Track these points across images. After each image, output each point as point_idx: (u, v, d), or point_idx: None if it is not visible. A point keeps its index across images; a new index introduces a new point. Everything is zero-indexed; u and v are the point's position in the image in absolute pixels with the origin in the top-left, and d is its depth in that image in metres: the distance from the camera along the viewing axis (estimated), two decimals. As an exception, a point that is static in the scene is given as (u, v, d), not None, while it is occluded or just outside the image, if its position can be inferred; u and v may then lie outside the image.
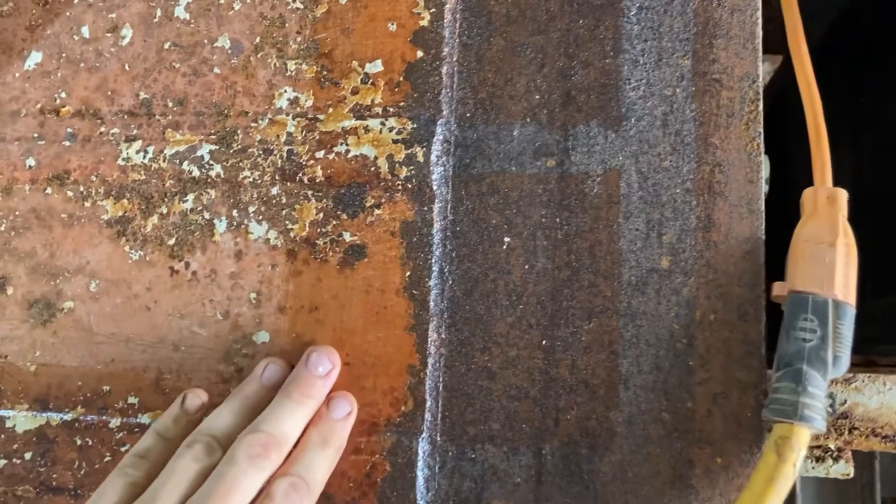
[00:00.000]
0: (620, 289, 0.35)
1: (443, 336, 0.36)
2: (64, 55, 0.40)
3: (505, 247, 0.36)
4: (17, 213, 0.39)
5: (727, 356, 0.34)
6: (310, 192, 0.37)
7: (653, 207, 0.36)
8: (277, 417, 0.32)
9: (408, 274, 0.36)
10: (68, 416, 0.37)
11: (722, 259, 0.35)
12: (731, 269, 0.35)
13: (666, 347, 0.35)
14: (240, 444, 0.30)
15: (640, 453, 0.34)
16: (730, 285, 0.35)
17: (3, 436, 0.38)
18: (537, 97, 0.37)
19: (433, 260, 0.36)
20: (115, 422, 0.37)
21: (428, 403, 0.36)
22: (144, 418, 0.37)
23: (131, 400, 0.37)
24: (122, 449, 0.37)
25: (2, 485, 0.37)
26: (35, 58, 0.40)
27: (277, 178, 0.38)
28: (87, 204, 0.39)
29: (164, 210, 0.38)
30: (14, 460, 0.37)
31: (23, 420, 0.38)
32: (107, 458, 0.37)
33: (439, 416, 0.36)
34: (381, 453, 0.35)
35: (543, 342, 0.35)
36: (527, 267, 0.36)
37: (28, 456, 0.37)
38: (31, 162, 0.40)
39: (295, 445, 0.33)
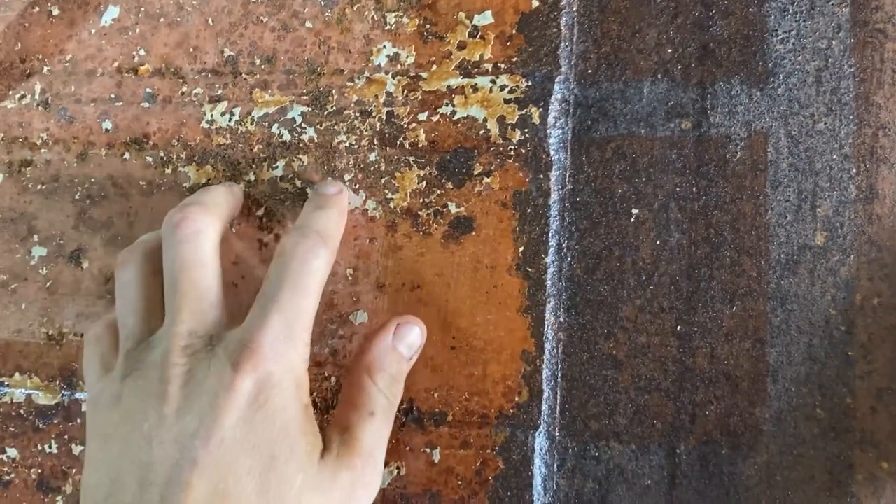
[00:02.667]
0: (768, 268, 0.31)
1: (561, 319, 0.32)
2: (143, 9, 0.37)
3: (633, 219, 0.32)
4: (92, 180, 0.36)
5: (893, 346, 0.30)
6: (411, 159, 0.34)
7: (805, 176, 0.31)
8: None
9: (521, 249, 0.32)
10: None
11: (887, 235, 0.30)
12: (898, 246, 0.30)
13: (821, 335, 0.30)
14: (164, 226, 0.30)
15: (791, 455, 0.30)
16: (896, 265, 0.30)
17: (79, 420, 0.35)
18: (670, 51, 0.33)
19: (550, 234, 0.32)
20: (199, 407, 0.34)
21: (545, 394, 0.32)
22: (231, 404, 0.33)
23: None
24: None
25: (78, 472, 0.34)
26: (112, 13, 0.37)
27: (376, 142, 0.34)
28: (168, 170, 0.36)
29: (252, 177, 0.35)
30: (91, 447, 0.34)
31: (100, 403, 0.34)
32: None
33: (558, 408, 0.32)
34: (493, 449, 0.32)
35: (678, 328, 0.31)
36: (658, 242, 0.32)
37: (106, 442, 0.34)
38: (107, 125, 0.36)
39: None
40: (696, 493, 0.31)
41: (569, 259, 0.33)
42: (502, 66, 0.34)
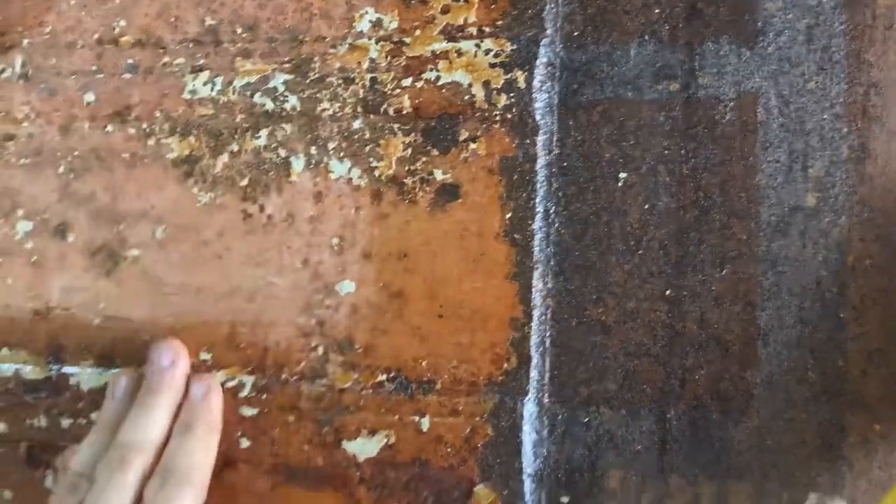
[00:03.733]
0: (758, 230, 0.30)
1: (549, 286, 0.32)
2: (122, -22, 0.36)
3: (621, 184, 0.32)
4: (76, 153, 0.36)
5: (885, 308, 0.29)
6: (396, 126, 0.33)
7: (796, 136, 0.30)
8: (132, 426, 0.31)
9: (508, 216, 0.32)
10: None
11: (879, 195, 0.30)
12: (890, 206, 0.30)
13: (812, 297, 0.30)
14: (98, 468, 0.29)
15: (782, 418, 0.30)
16: (888, 225, 0.29)
17: (67, 394, 0.35)
18: (657, 11, 0.32)
19: (537, 200, 0.32)
20: (186, 380, 0.34)
21: (534, 360, 0.31)
22: (219, 375, 0.33)
23: (204, 356, 0.34)
24: (195, 409, 0.33)
25: (68, 445, 0.34)
26: (91, -18, 0.36)
27: (360, 109, 0.33)
28: (151, 142, 0.35)
29: (235, 148, 0.34)
30: (80, 420, 0.34)
31: (87, 377, 0.35)
32: (179, 420, 0.33)
33: (547, 375, 0.31)
34: (482, 416, 0.31)
35: (667, 292, 0.31)
36: (647, 207, 0.31)
37: (94, 416, 0.34)
38: (89, 97, 0.36)
39: None
40: (686, 457, 0.30)
41: (556, 225, 0.32)
42: (487, 29, 0.33)
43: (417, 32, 0.34)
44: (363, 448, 0.32)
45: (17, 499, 0.35)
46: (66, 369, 0.35)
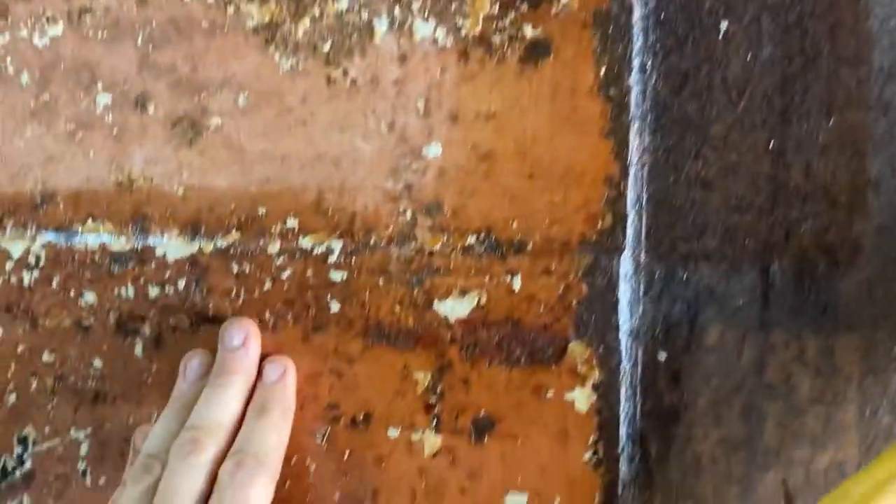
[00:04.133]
0: (869, 76, 0.29)
1: (646, 142, 0.31)
2: None
3: (721, 35, 0.30)
4: (153, 23, 0.35)
5: None
6: (483, -18, 0.32)
7: (911, -24, 0.29)
8: (204, 408, 0.30)
9: (602, 71, 0.31)
10: (222, 243, 0.34)
11: None
12: None
13: (926, 144, 0.28)
14: (171, 450, 0.29)
15: (893, 269, 0.28)
16: None
17: (153, 264, 0.35)
18: None
19: (633, 53, 0.31)
20: (273, 247, 0.34)
21: (630, 218, 0.31)
22: (305, 242, 0.33)
23: (290, 223, 0.33)
24: (283, 275, 0.33)
25: (156, 315, 0.34)
26: None
27: (445, -34, 0.32)
28: (230, 10, 0.34)
29: (317, 12, 0.33)
30: (167, 289, 0.34)
31: (174, 247, 0.34)
32: (266, 286, 0.33)
33: (643, 232, 0.31)
34: (576, 274, 0.31)
35: (771, 144, 0.30)
36: (749, 57, 0.30)
37: (181, 285, 0.34)
38: (166, -35, 0.35)
39: None
40: (790, 311, 0.30)
41: (654, 79, 0.31)
42: None
43: None
44: (454, 309, 0.32)
45: (107, 367, 0.35)
46: (151, 240, 0.35)
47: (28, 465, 0.36)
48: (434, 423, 0.32)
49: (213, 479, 0.29)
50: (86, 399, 0.35)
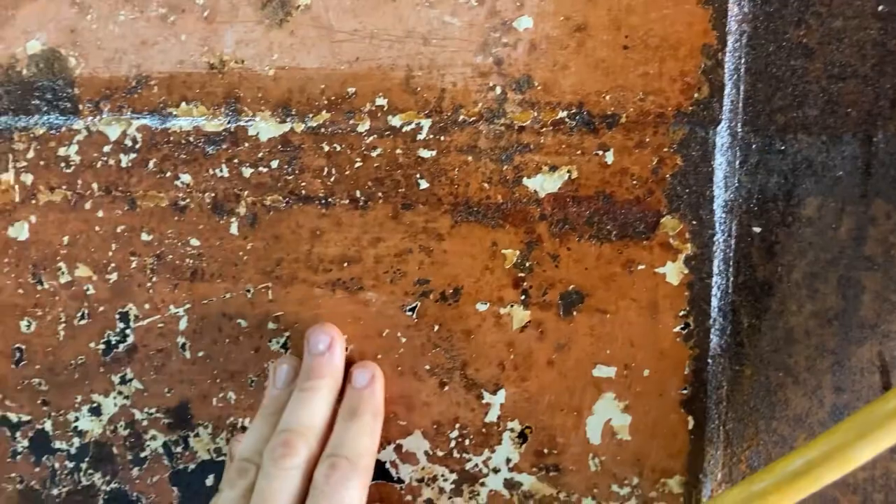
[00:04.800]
0: None
1: (746, 9, 0.30)
2: None
3: None
4: None
5: None
6: None
7: None
8: (294, 411, 0.31)
9: (701, -63, 0.30)
10: (313, 122, 0.34)
11: None
12: None
13: None
14: (265, 453, 0.30)
15: None
16: None
17: (246, 144, 0.35)
18: None
19: (734, -83, 0.30)
20: (363, 125, 0.34)
21: (727, 89, 0.30)
22: (395, 120, 0.33)
23: (379, 101, 0.34)
24: (373, 154, 0.34)
25: (251, 194, 0.35)
26: None
27: None
28: None
29: None
30: (260, 169, 0.35)
31: (266, 127, 0.35)
32: (357, 164, 0.34)
33: (741, 103, 0.30)
34: (671, 147, 0.30)
35: (879, 8, 0.28)
36: (859, -84, 0.28)
37: (274, 164, 0.35)
38: None
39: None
40: (893, 182, 0.29)
41: (755, -57, 0.30)
42: None
43: None
44: (544, 184, 0.32)
45: (203, 246, 0.36)
46: (244, 120, 0.35)
47: (130, 339, 0.37)
48: (522, 298, 0.33)
49: (306, 481, 0.30)
50: (183, 276, 0.37)
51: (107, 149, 0.37)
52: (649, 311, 0.31)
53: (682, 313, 0.31)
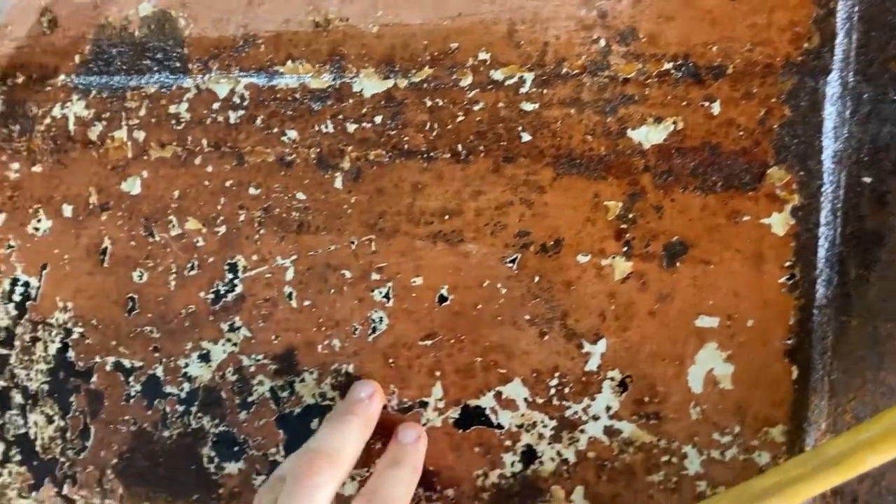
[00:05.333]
0: None
1: (860, -44, 0.29)
2: None
3: None
4: None
5: None
6: None
7: None
8: (322, 435, 0.33)
9: None
10: (416, 78, 0.35)
11: None
12: None
13: None
14: (288, 473, 0.31)
15: None
16: None
17: (351, 101, 0.36)
18: None
19: None
20: (465, 80, 0.35)
21: (839, 38, 0.30)
22: (498, 74, 0.34)
23: (482, 56, 0.34)
24: (476, 108, 0.34)
25: (354, 149, 0.36)
26: None
27: None
28: None
29: None
30: (364, 124, 0.36)
31: (369, 84, 0.36)
32: (459, 118, 0.35)
33: (853, 52, 0.30)
34: (779, 97, 0.30)
35: None
36: None
37: (378, 120, 0.36)
38: None
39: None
40: None
41: None
42: None
43: None
44: (648, 135, 0.32)
45: (309, 199, 0.37)
46: (348, 77, 0.36)
47: (238, 289, 0.39)
48: (625, 250, 0.33)
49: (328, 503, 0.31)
50: (290, 229, 0.38)
51: (216, 106, 0.39)
52: (754, 262, 0.31)
53: (787, 264, 0.31)
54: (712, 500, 0.30)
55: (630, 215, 0.33)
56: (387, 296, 0.37)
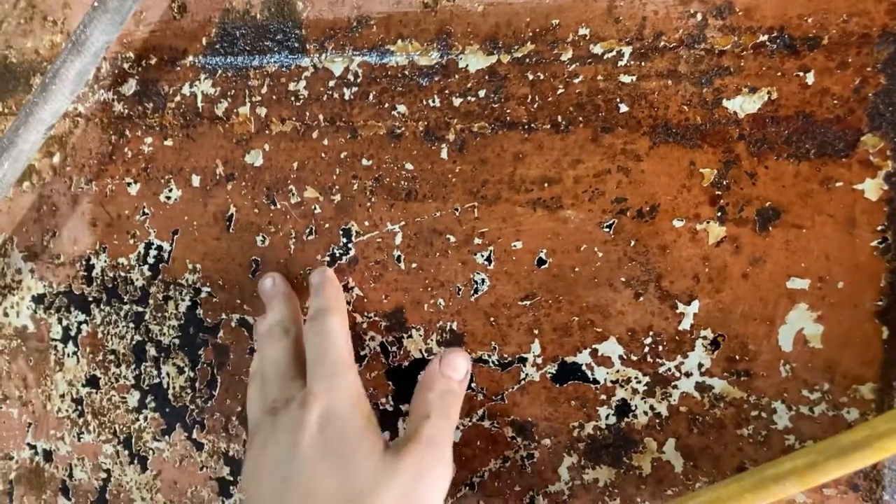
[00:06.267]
0: None
1: (961, -75, 0.30)
2: None
3: None
4: None
5: None
6: None
7: None
8: (269, 314, 0.42)
9: None
10: (518, 53, 0.38)
11: None
12: None
13: None
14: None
15: None
16: None
17: (457, 76, 0.39)
18: None
19: None
20: (566, 55, 0.37)
21: (937, 7, 0.30)
22: (597, 48, 0.36)
23: (582, 31, 0.36)
24: (575, 81, 0.36)
25: (459, 122, 0.39)
26: None
27: None
28: None
29: None
30: (469, 98, 0.39)
31: (474, 60, 0.38)
32: (559, 91, 0.37)
33: (951, 21, 0.30)
34: (875, 66, 0.31)
35: None
36: None
37: (482, 94, 0.38)
38: None
39: None
40: None
41: None
42: None
43: None
44: (743, 105, 0.34)
45: (417, 169, 0.40)
46: (454, 54, 0.39)
47: (352, 252, 0.43)
48: (719, 215, 0.35)
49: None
50: (399, 197, 0.41)
51: (331, 83, 0.42)
52: (846, 226, 0.33)
53: (879, 228, 0.32)
54: (801, 452, 0.31)
55: (724, 182, 0.34)
56: (488, 259, 0.39)
